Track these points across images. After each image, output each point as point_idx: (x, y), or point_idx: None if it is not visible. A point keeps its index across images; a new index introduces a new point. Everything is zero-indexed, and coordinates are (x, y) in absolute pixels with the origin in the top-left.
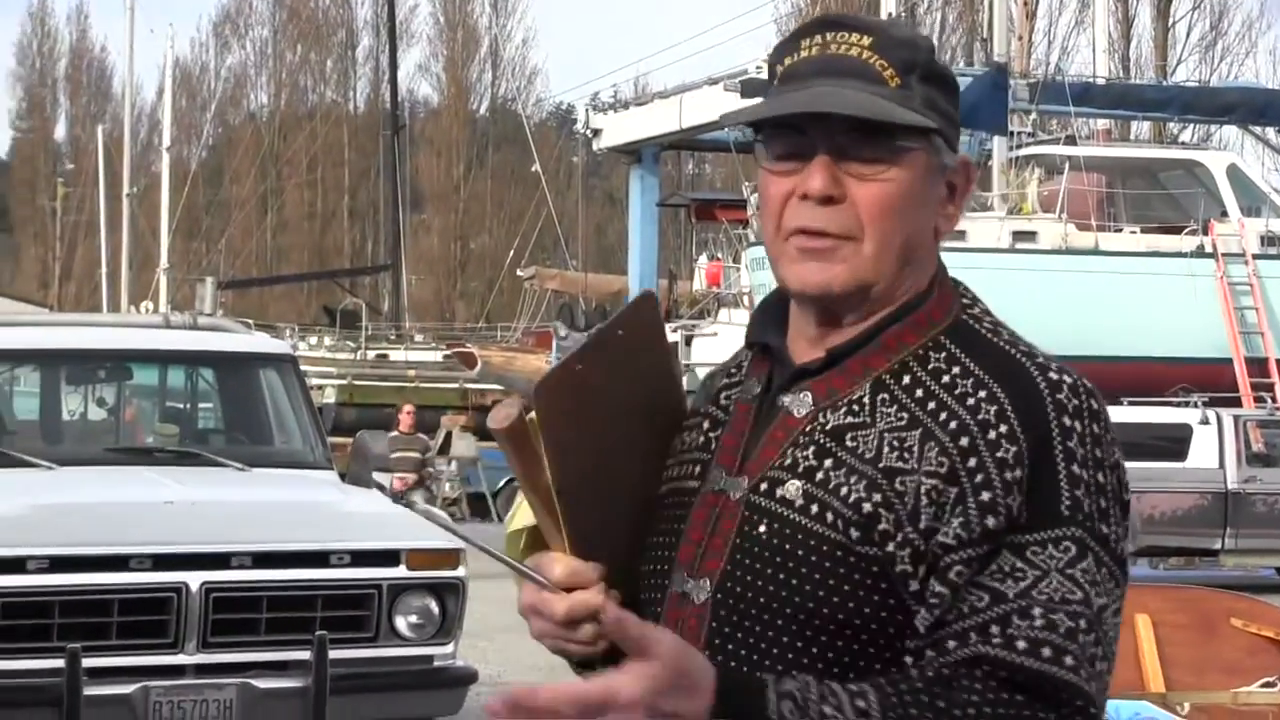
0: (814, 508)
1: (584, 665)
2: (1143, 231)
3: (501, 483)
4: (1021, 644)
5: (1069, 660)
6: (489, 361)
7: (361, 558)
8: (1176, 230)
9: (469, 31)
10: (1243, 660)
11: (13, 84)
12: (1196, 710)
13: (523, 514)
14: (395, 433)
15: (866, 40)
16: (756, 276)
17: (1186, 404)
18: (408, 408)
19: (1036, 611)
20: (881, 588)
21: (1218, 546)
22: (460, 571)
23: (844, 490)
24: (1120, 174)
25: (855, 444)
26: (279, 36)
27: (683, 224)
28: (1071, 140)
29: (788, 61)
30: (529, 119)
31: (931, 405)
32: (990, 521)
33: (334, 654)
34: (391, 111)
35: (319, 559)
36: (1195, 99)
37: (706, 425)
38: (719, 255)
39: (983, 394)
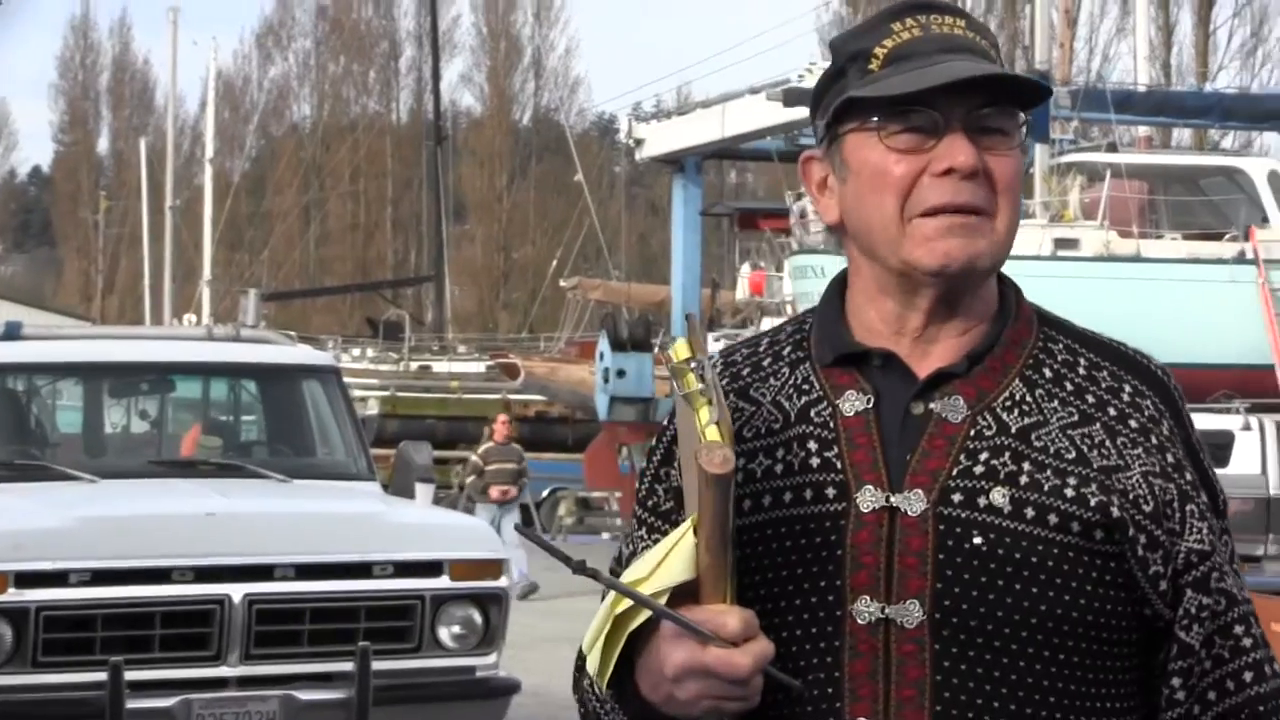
0: (1029, 511)
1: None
2: (1184, 238)
3: (545, 493)
4: (1250, 675)
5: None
6: (532, 372)
7: (404, 568)
8: (1218, 237)
9: (511, 41)
10: None
11: (55, 97)
12: None
13: (670, 570)
14: (490, 443)
15: (961, 21)
16: (799, 285)
17: (1228, 410)
18: (502, 417)
19: (1241, 630)
20: (1120, 583)
21: (1260, 553)
22: (503, 582)
23: (1066, 491)
24: (1162, 181)
25: (1044, 443)
26: (321, 48)
27: (726, 233)
28: (1113, 147)
29: (889, 44)
30: (571, 129)
31: (1090, 399)
32: (1214, 522)
33: (377, 665)
34: (434, 122)
35: (362, 570)
36: (1236, 105)
37: (814, 446)
38: (762, 264)
39: (1127, 387)
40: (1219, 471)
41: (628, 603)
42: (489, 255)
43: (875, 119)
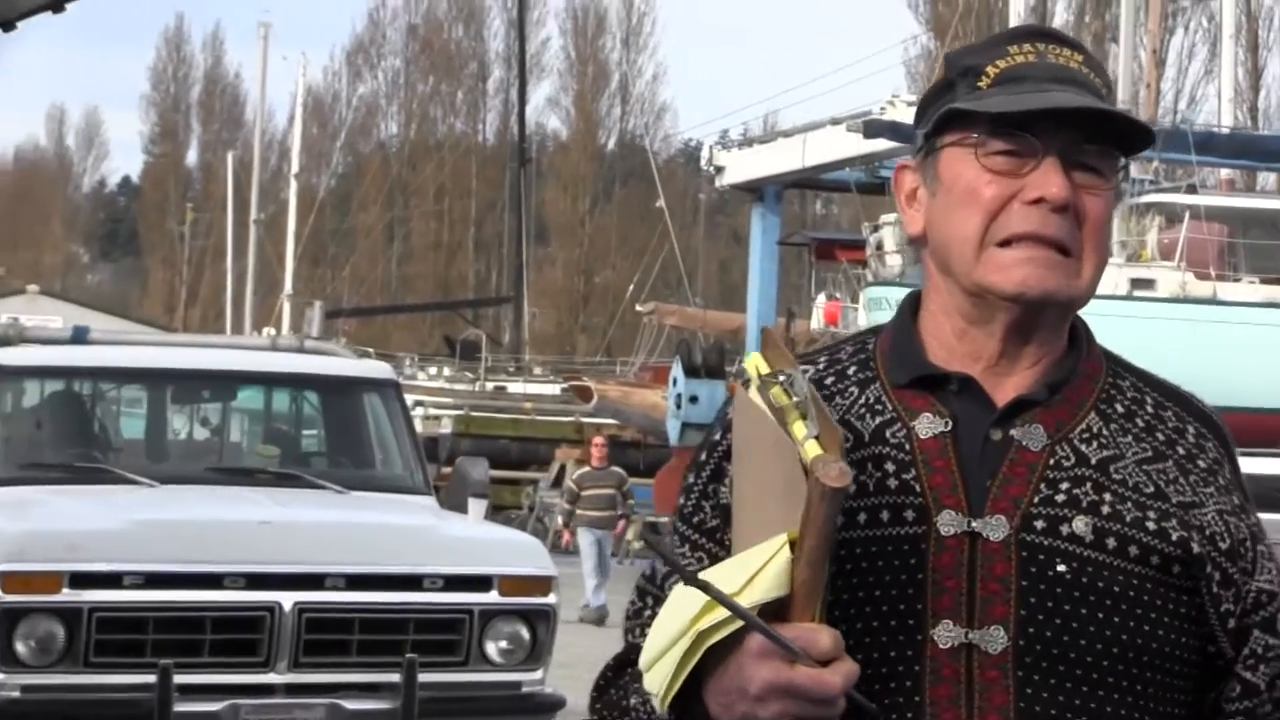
0: (1110, 541)
1: None
2: (1261, 282)
3: None
4: None
5: None
6: (605, 395)
7: (454, 582)
8: None
9: (599, 66)
10: None
11: (146, 108)
12: None
13: (764, 585)
14: (586, 468)
15: (1079, 56)
16: (874, 316)
17: None
18: (599, 439)
19: None
20: (1192, 617)
21: None
22: (551, 599)
23: (1148, 524)
24: (1241, 224)
25: (1122, 476)
26: (411, 67)
27: (805, 263)
28: (1192, 189)
29: (1002, 64)
30: (656, 155)
31: (1160, 436)
32: (1276, 565)
33: (423, 677)
34: (519, 144)
35: (412, 582)
36: None
37: (891, 467)
38: (837, 295)
39: (1190, 428)
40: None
41: (712, 618)
42: (569, 278)
43: (975, 135)
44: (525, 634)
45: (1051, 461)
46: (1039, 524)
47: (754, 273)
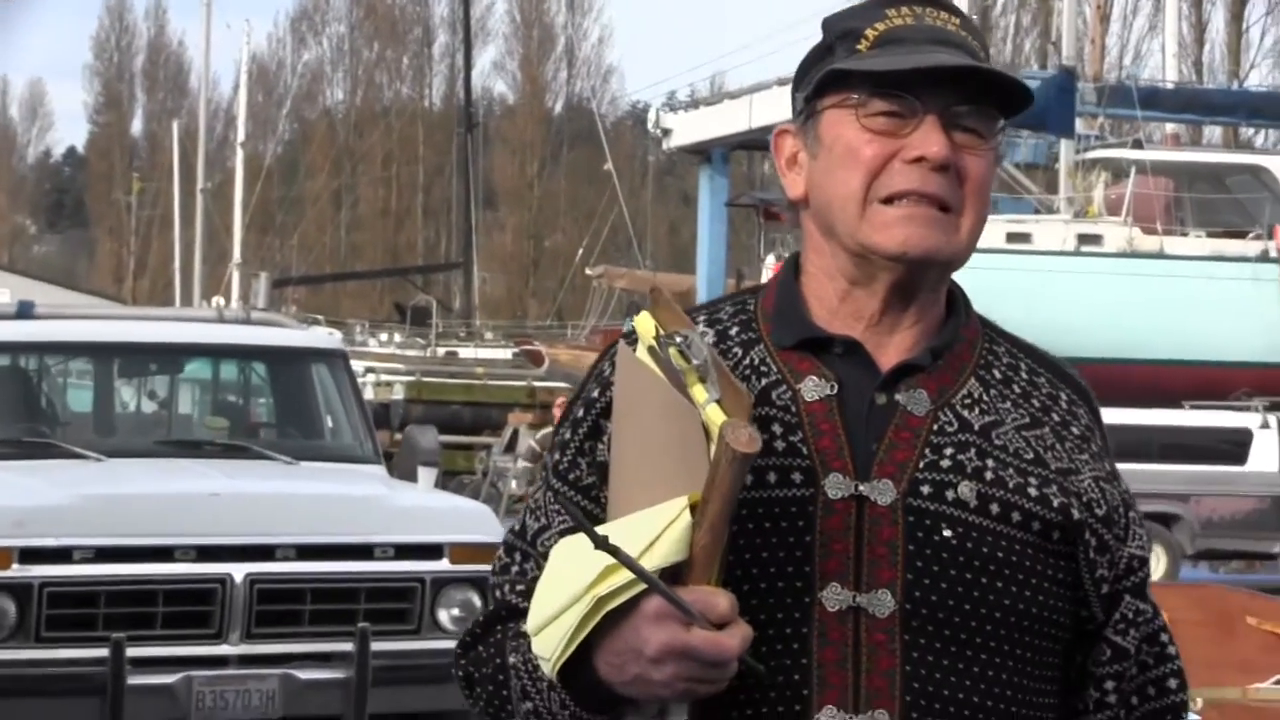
0: (994, 507)
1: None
2: (1208, 236)
3: None
4: (1175, 682)
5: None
6: (556, 359)
7: (405, 551)
8: (1242, 235)
9: (545, 29)
10: (1257, 658)
11: (90, 78)
12: (1209, 706)
13: (665, 549)
14: (549, 429)
15: (956, 19)
16: None
17: (1247, 408)
18: (562, 400)
19: (1166, 638)
20: (1068, 582)
21: (1276, 550)
22: None
23: (1030, 490)
24: (1187, 178)
25: (1003, 442)
26: (355, 33)
27: (756, 224)
28: (1138, 144)
29: (880, 27)
30: (604, 117)
31: (1036, 403)
32: (1145, 531)
33: (376, 646)
34: (465, 109)
35: (362, 552)
36: (1263, 104)
37: (778, 429)
38: (785, 255)
39: (1063, 395)
40: (1236, 469)
41: (611, 583)
42: (519, 243)
43: (856, 96)
44: (477, 601)
45: (935, 427)
46: (925, 489)
47: (703, 235)
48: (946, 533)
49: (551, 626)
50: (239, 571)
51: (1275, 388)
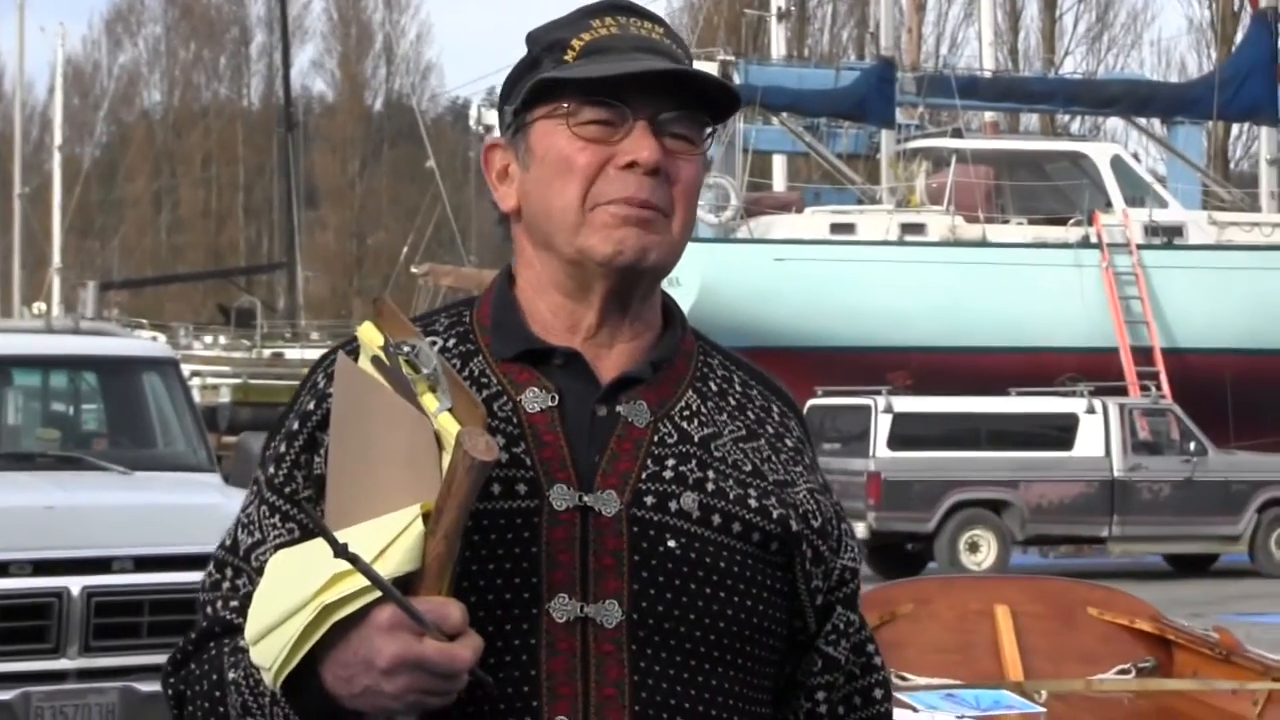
0: (715, 519)
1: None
2: (1029, 223)
3: None
4: (880, 692)
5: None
6: None
7: None
8: (1062, 221)
9: (362, 27)
10: (1099, 648)
11: None
12: (1054, 698)
13: (397, 558)
14: None
15: (660, 28)
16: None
17: (1073, 393)
18: None
19: (873, 649)
20: (785, 593)
21: (1105, 534)
22: None
23: (750, 501)
24: (1007, 166)
25: (722, 454)
26: (171, 34)
27: None
28: (958, 133)
29: (586, 37)
30: (424, 114)
31: (751, 415)
32: (855, 543)
33: None
34: (285, 108)
35: (200, 562)
36: (1080, 91)
37: (500, 441)
38: None
39: (775, 407)
40: (1063, 455)
41: (339, 591)
42: (342, 242)
43: (566, 105)
44: None
45: (656, 438)
46: (649, 499)
47: None
48: (671, 543)
49: (272, 635)
50: (76, 585)
51: (1100, 372)
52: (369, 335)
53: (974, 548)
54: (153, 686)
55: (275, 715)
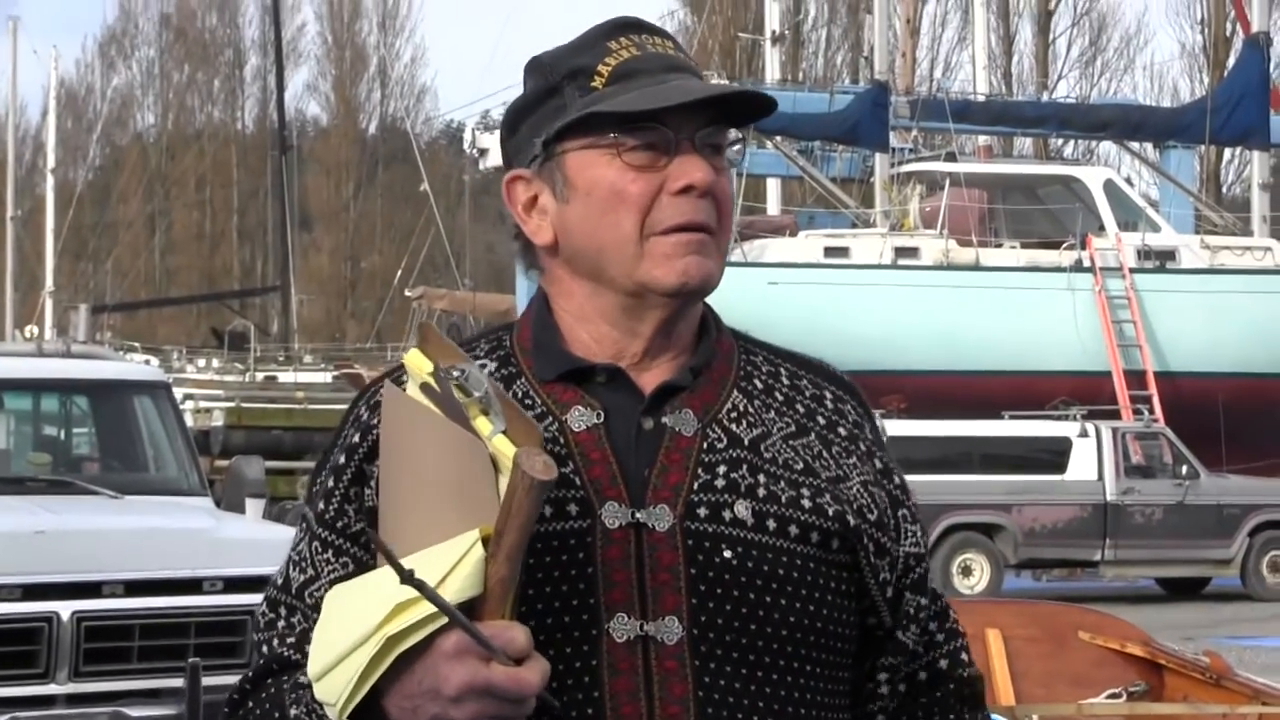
0: (770, 523)
1: None
2: (1023, 246)
3: None
4: (965, 656)
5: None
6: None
7: (234, 584)
8: (1055, 245)
9: (357, 50)
10: (1090, 672)
11: None
12: None
13: (460, 583)
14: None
15: (670, 42)
16: None
17: (1066, 417)
18: None
19: (934, 627)
20: (853, 593)
21: (1098, 558)
22: None
23: (803, 502)
24: (1000, 190)
25: (772, 454)
26: (165, 57)
27: None
28: (952, 157)
29: (611, 62)
30: (418, 137)
31: (800, 408)
32: (920, 526)
33: (207, 681)
34: (279, 131)
35: (191, 586)
36: (1072, 115)
37: None
38: None
39: (828, 394)
40: (1056, 478)
41: (402, 621)
42: (336, 265)
43: (612, 135)
44: None
45: (705, 445)
46: (701, 511)
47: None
48: (727, 553)
49: (336, 670)
50: (66, 609)
51: (1092, 396)
52: (417, 362)
53: (967, 571)
54: (143, 710)
55: None
